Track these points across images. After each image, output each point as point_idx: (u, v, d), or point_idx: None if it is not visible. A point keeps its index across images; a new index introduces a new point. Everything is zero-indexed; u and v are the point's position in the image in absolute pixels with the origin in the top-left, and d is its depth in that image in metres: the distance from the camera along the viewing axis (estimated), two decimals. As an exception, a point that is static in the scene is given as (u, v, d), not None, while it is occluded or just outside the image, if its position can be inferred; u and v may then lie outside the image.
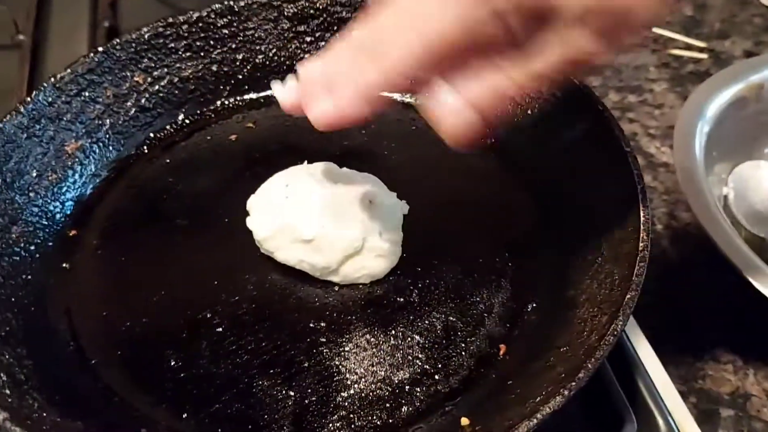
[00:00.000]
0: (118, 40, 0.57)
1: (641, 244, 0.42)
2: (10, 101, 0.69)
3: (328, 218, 0.47)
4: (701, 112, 0.62)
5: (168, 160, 0.57)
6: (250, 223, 0.49)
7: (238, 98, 0.61)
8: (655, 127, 0.73)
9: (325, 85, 0.39)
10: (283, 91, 0.42)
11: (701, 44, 0.82)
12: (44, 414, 0.38)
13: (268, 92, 0.61)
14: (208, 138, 0.58)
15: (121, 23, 0.78)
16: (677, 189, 0.67)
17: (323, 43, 0.61)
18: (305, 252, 0.47)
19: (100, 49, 0.56)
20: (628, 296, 0.39)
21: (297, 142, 0.58)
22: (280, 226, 0.48)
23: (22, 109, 0.52)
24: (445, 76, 0.38)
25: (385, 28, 0.38)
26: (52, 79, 0.54)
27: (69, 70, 0.54)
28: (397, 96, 0.61)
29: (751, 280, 0.50)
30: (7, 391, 0.38)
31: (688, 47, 0.82)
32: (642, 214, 0.43)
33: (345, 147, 0.56)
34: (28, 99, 0.52)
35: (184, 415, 0.42)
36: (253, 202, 0.51)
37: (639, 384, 0.48)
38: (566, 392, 0.36)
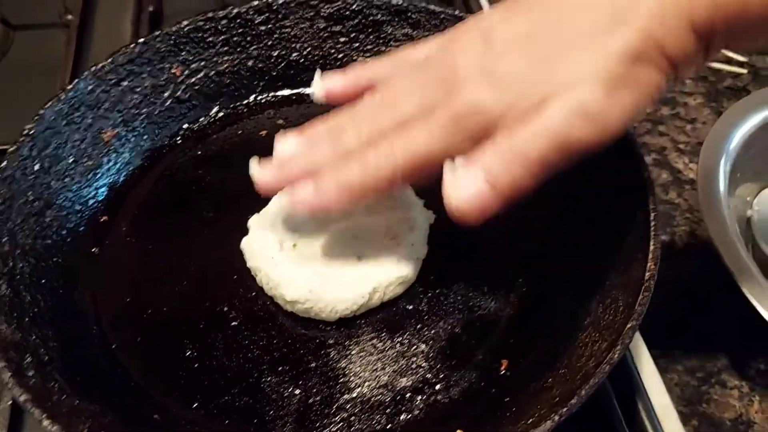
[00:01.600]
0: (158, 32, 0.58)
1: (647, 274, 0.42)
2: (55, 79, 0.72)
3: (328, 273, 0.48)
4: (731, 132, 0.62)
5: (200, 152, 0.59)
6: (245, 248, 0.50)
7: (271, 94, 0.62)
8: (684, 143, 0.73)
9: (307, 171, 0.43)
10: (261, 173, 0.44)
11: (742, 58, 0.80)
12: (64, 397, 0.41)
13: (301, 90, 0.62)
14: (240, 132, 0.60)
15: (165, 8, 0.80)
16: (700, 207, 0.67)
17: (357, 44, 0.62)
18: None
19: (141, 40, 0.58)
20: (629, 326, 0.40)
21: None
22: (272, 273, 0.48)
23: (62, 97, 0.54)
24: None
25: (373, 138, 0.41)
26: (93, 68, 0.56)
27: (110, 60, 0.56)
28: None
29: (757, 306, 0.50)
30: (31, 372, 0.41)
31: (728, 61, 0.80)
32: (652, 243, 0.44)
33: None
34: (69, 87, 0.54)
35: (195, 405, 0.44)
36: (254, 223, 0.51)
37: (638, 406, 0.49)
38: (557, 417, 0.37)
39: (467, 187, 0.38)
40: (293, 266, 0.48)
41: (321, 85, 0.47)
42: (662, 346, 0.56)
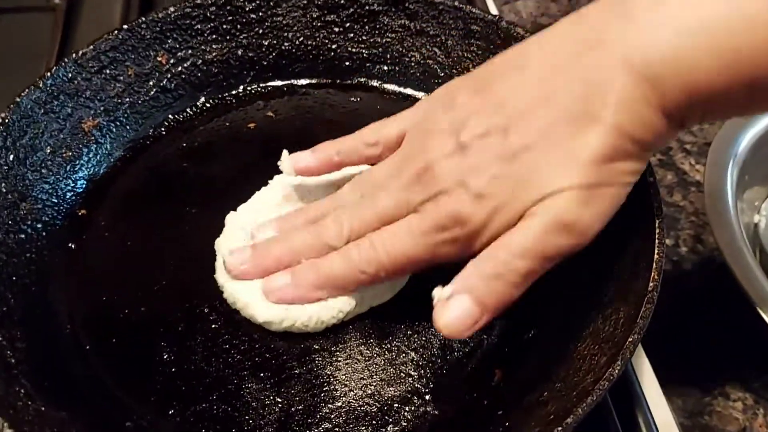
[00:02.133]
0: (143, 19, 0.56)
1: (650, 285, 0.40)
2: (40, 66, 0.69)
3: None
4: (740, 134, 0.60)
5: (185, 144, 0.56)
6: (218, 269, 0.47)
7: (261, 85, 0.60)
8: (691, 143, 0.70)
9: (283, 262, 0.44)
10: (236, 259, 0.45)
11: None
12: (29, 402, 0.38)
13: (292, 81, 0.60)
14: (227, 124, 0.58)
15: (156, -7, 0.78)
16: (706, 211, 0.65)
17: (351, 34, 0.60)
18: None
19: (125, 27, 0.55)
20: (630, 339, 0.38)
21: (316, 135, 0.56)
22: (238, 291, 0.45)
23: (40, 84, 0.51)
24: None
25: (355, 235, 0.43)
26: (74, 55, 0.53)
27: (92, 47, 0.54)
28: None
29: (764, 316, 0.48)
30: (-5, 377, 0.38)
31: (737, 59, 0.78)
32: (656, 253, 0.41)
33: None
34: (48, 74, 0.52)
35: (171, 411, 0.42)
36: (229, 222, 0.49)
37: (638, 419, 0.47)
38: (551, 436, 0.35)
39: (455, 310, 0.39)
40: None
41: (289, 163, 0.48)
42: (663, 355, 0.54)
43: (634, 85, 0.36)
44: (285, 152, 0.48)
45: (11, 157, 0.49)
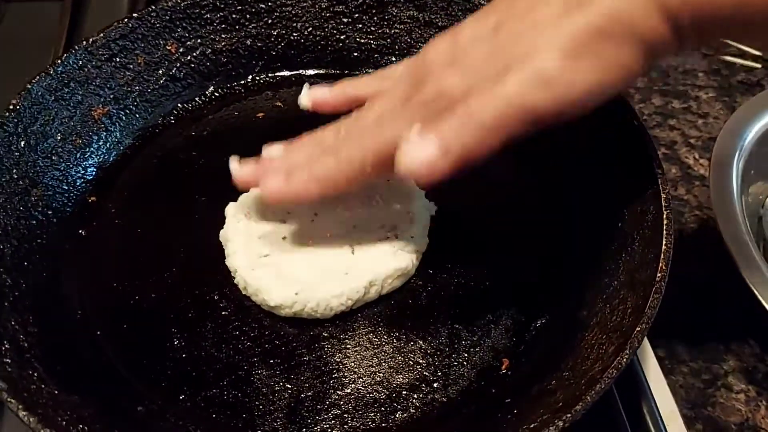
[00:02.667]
0: (153, 8, 0.56)
1: (659, 275, 0.40)
2: (48, 54, 0.69)
3: (319, 268, 0.46)
4: (745, 128, 0.60)
5: (193, 133, 0.56)
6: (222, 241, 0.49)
7: (270, 75, 0.60)
8: (696, 137, 0.71)
9: (282, 168, 0.44)
10: (240, 168, 0.46)
11: (756, 52, 0.78)
12: (42, 386, 0.39)
13: (300, 71, 0.60)
14: (236, 113, 0.58)
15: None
16: (711, 204, 0.65)
17: (360, 25, 0.60)
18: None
19: (135, 15, 0.55)
20: (638, 328, 0.38)
21: (323, 125, 0.57)
22: (250, 277, 0.46)
23: (51, 71, 0.51)
24: None
25: (349, 134, 0.44)
26: (84, 43, 0.53)
27: (102, 35, 0.54)
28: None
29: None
30: (8, 360, 0.39)
31: (742, 54, 0.78)
32: (664, 243, 0.42)
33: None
34: (59, 61, 0.52)
35: (181, 397, 0.42)
36: (231, 213, 0.50)
37: (643, 409, 0.47)
38: (560, 423, 0.35)
39: (418, 151, 0.38)
40: (274, 267, 0.46)
41: (308, 95, 0.49)
42: (668, 347, 0.54)
43: None
44: (306, 85, 0.49)
45: (22, 143, 0.49)
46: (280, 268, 0.46)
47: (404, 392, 0.43)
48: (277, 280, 0.45)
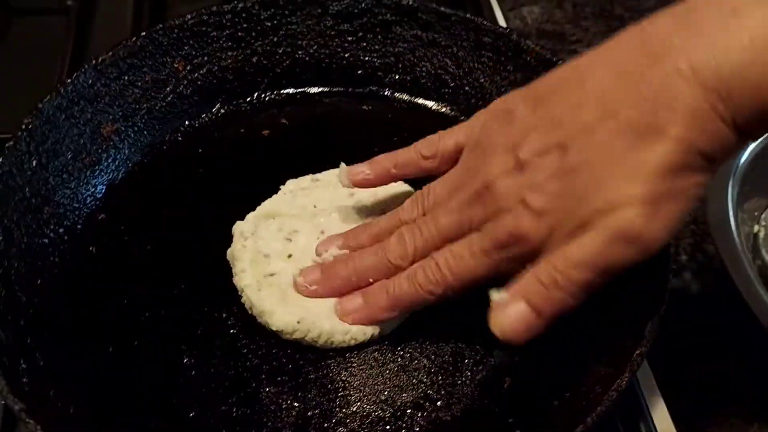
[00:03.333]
0: (161, 26, 0.57)
1: (659, 299, 0.41)
2: (54, 67, 0.70)
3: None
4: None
5: (200, 150, 0.57)
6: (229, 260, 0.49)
7: (275, 92, 0.61)
8: (692, 153, 0.72)
9: (352, 282, 0.46)
10: (306, 279, 0.47)
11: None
12: (58, 404, 0.40)
13: (305, 88, 0.61)
14: (242, 131, 0.59)
15: (168, -5, 0.79)
16: (707, 220, 0.66)
17: (364, 43, 0.61)
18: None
19: (143, 33, 0.56)
20: (637, 352, 0.39)
21: (329, 142, 0.58)
22: (255, 298, 0.47)
23: (62, 90, 0.52)
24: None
25: (418, 249, 0.44)
26: (93, 61, 0.54)
27: (111, 53, 0.55)
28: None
29: (765, 325, 0.49)
30: (26, 380, 0.40)
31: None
32: (666, 269, 0.43)
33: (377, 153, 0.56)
34: (69, 80, 0.53)
35: (192, 414, 0.43)
36: (239, 232, 0.50)
37: (641, 427, 0.49)
38: (561, 445, 0.36)
39: (512, 316, 0.40)
40: (280, 288, 0.47)
41: (347, 176, 0.49)
42: (664, 363, 0.55)
43: (703, 98, 0.35)
44: (342, 165, 0.49)
45: (34, 162, 0.50)
46: (287, 290, 0.47)
47: (409, 410, 0.44)
48: (281, 303, 0.46)
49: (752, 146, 0.62)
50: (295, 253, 0.48)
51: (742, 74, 0.35)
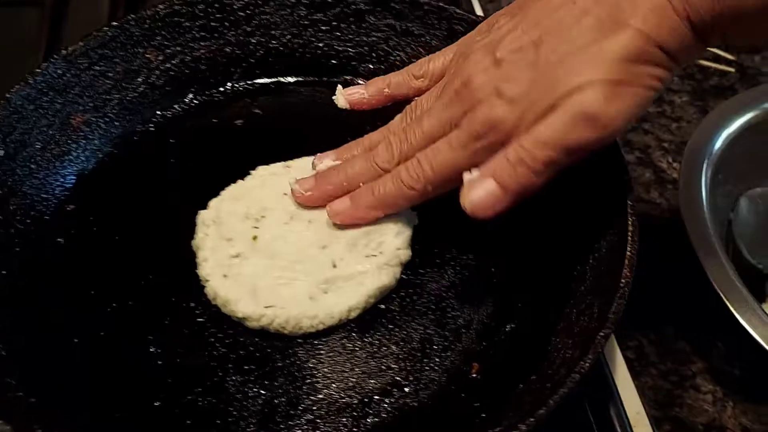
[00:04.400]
0: (132, 16, 0.57)
1: (622, 281, 0.41)
2: (28, 60, 0.70)
3: (294, 280, 0.47)
4: (715, 133, 0.62)
5: (172, 140, 0.57)
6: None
7: (248, 82, 0.61)
8: (669, 141, 0.72)
9: (342, 186, 0.48)
10: (301, 186, 0.49)
11: (730, 57, 0.80)
12: (19, 394, 0.40)
13: (279, 78, 0.61)
14: (214, 120, 0.58)
15: (144, -12, 0.78)
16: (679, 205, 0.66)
17: (338, 33, 0.61)
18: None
19: (115, 24, 0.56)
20: (601, 334, 0.39)
21: (302, 132, 0.58)
22: (219, 286, 0.47)
23: (30, 81, 0.52)
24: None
25: (403, 155, 0.46)
26: (64, 52, 0.54)
27: (82, 43, 0.55)
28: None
29: (734, 312, 0.50)
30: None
31: (716, 59, 0.80)
32: (628, 250, 0.43)
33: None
34: (38, 70, 0.52)
35: (157, 403, 0.43)
36: (201, 220, 0.50)
37: (611, 411, 0.49)
38: (523, 427, 0.36)
39: (480, 191, 0.43)
40: (245, 275, 0.46)
41: (344, 97, 0.54)
42: (636, 349, 0.56)
43: None
44: (339, 87, 0.53)
45: (1, 152, 0.49)
46: (250, 276, 0.46)
47: (376, 397, 0.44)
48: (247, 291, 0.46)
49: (725, 134, 0.62)
50: (261, 235, 0.48)
51: None
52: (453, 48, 0.50)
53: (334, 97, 0.54)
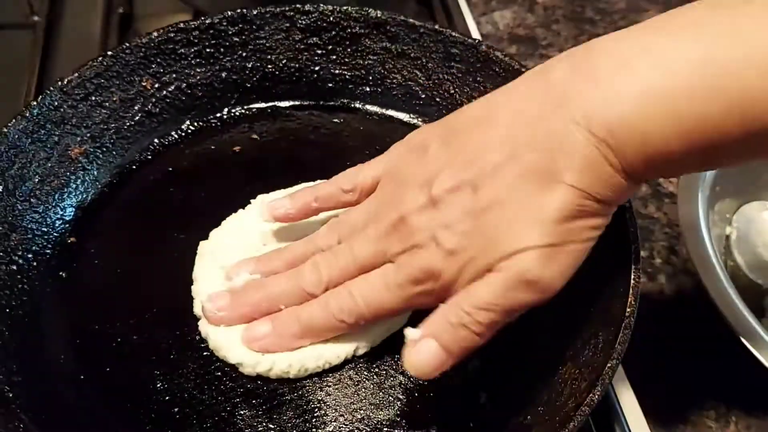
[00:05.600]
0: (127, 44, 0.56)
1: (628, 310, 0.42)
2: (20, 84, 0.70)
3: None
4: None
5: (170, 168, 0.57)
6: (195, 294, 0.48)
7: (245, 107, 0.60)
8: (665, 155, 0.72)
9: (261, 306, 0.45)
10: (214, 305, 0.46)
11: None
12: (28, 436, 0.39)
13: (275, 103, 0.61)
14: (212, 147, 0.58)
15: (136, 10, 0.78)
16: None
17: (334, 56, 0.61)
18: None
19: (109, 52, 0.56)
20: (609, 365, 0.40)
21: (301, 158, 0.58)
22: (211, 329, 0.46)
23: (27, 114, 0.52)
24: None
25: (332, 277, 0.44)
26: (59, 83, 0.54)
27: (77, 74, 0.54)
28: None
29: (734, 327, 0.50)
30: (-5, 412, 0.39)
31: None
32: (633, 277, 0.43)
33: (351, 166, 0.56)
34: (34, 103, 0.52)
35: (165, 440, 0.43)
36: (202, 252, 0.50)
37: (615, 428, 0.49)
38: (535, 461, 0.36)
39: (424, 354, 0.41)
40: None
41: (269, 212, 0.49)
42: (637, 364, 0.56)
43: (595, 146, 0.38)
44: (260, 197, 0.49)
45: (0, 188, 0.49)
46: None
47: (385, 429, 0.44)
48: (239, 332, 0.45)
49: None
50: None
51: (627, 126, 0.37)
52: (383, 161, 0.47)
53: (254, 206, 0.51)
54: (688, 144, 0.37)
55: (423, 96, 0.60)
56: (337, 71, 0.61)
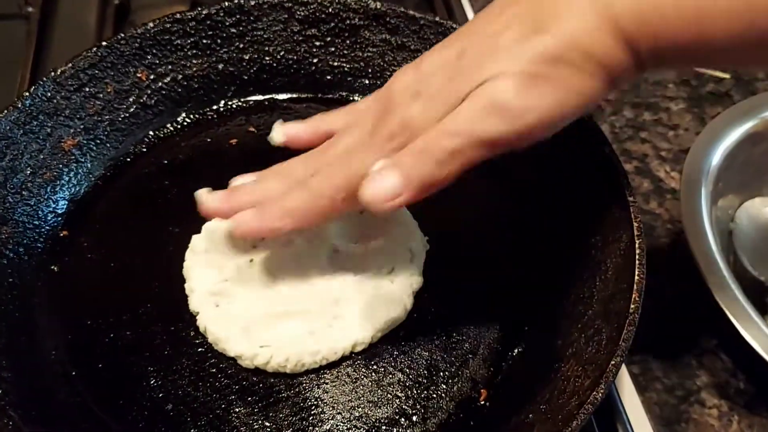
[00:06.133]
0: (123, 35, 0.55)
1: (632, 306, 0.41)
2: (14, 76, 0.68)
3: (292, 315, 0.45)
4: (715, 143, 0.61)
5: (166, 161, 0.56)
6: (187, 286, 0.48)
7: (242, 100, 0.59)
8: (667, 150, 0.71)
9: (252, 200, 0.44)
10: (208, 198, 0.46)
11: (724, 63, 0.79)
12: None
13: (273, 95, 0.60)
14: (208, 140, 0.57)
15: (132, 0, 0.77)
16: (682, 218, 0.66)
17: (333, 48, 0.60)
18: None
19: (104, 43, 0.55)
20: (613, 362, 0.39)
21: (299, 151, 0.57)
22: (210, 321, 0.45)
23: (19, 105, 0.51)
24: None
25: (318, 167, 0.44)
26: (52, 74, 0.53)
27: (70, 65, 0.53)
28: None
29: (736, 324, 0.49)
30: (-16, 406, 0.38)
31: (711, 64, 0.79)
32: (637, 273, 0.42)
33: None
34: (27, 94, 0.51)
35: (159, 438, 0.42)
36: (196, 244, 0.49)
37: (617, 428, 0.48)
38: (537, 461, 0.35)
39: (380, 182, 0.39)
40: (238, 302, 0.45)
41: (281, 132, 0.48)
42: (641, 363, 0.55)
43: (590, 5, 0.38)
44: (278, 122, 0.48)
45: (-9, 180, 0.48)
46: (243, 309, 0.45)
47: (384, 427, 0.43)
48: (238, 325, 0.44)
49: (725, 143, 0.62)
50: (256, 261, 0.47)
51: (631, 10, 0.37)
52: (382, 89, 0.46)
53: (269, 137, 0.49)
54: (693, 35, 0.37)
55: (422, 88, 0.58)
56: (335, 63, 0.60)
